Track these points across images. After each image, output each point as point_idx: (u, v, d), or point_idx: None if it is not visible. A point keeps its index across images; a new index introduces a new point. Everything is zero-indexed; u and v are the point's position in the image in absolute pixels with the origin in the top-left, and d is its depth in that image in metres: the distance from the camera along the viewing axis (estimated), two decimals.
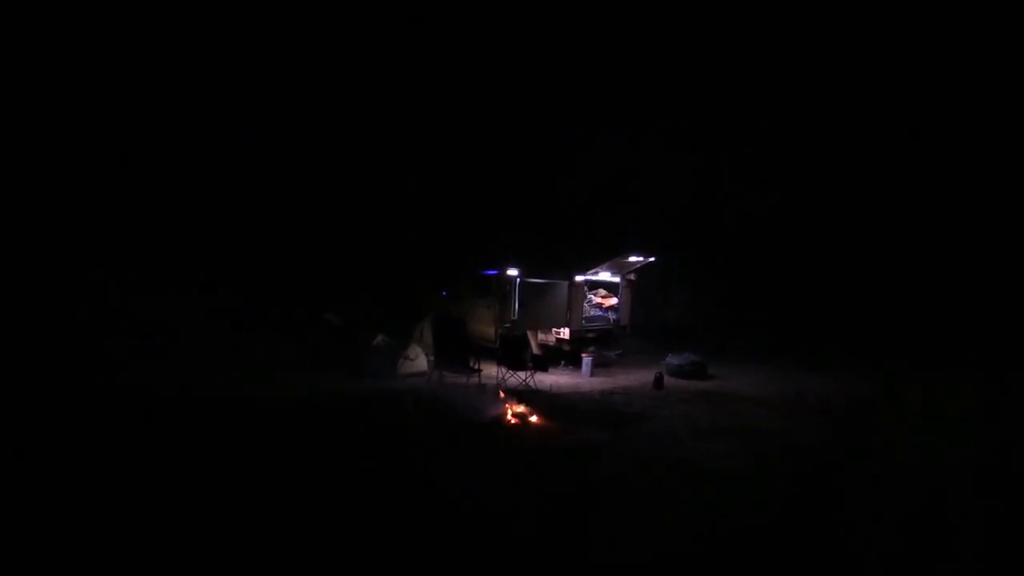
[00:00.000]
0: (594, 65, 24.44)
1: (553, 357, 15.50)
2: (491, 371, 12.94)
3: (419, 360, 13.63)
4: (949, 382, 14.44)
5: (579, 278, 15.61)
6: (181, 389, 11.08)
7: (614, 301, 16.89)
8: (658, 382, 13.37)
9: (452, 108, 24.29)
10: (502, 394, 11.10)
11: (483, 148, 24.45)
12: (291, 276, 19.35)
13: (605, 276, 16.79)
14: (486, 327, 15.15)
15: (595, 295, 17.03)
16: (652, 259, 16.35)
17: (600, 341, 16.24)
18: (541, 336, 15.82)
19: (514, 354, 13.12)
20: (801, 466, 8.11)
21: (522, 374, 12.63)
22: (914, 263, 22.27)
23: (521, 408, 10.33)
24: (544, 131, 24.47)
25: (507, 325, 14.92)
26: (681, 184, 23.62)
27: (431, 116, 24.08)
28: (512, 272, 15.10)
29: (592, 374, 14.53)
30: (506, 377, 12.59)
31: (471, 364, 12.22)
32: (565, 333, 15.56)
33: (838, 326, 20.33)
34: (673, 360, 14.85)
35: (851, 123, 23.79)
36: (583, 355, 14.96)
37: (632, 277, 16.88)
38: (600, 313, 16.82)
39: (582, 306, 16.00)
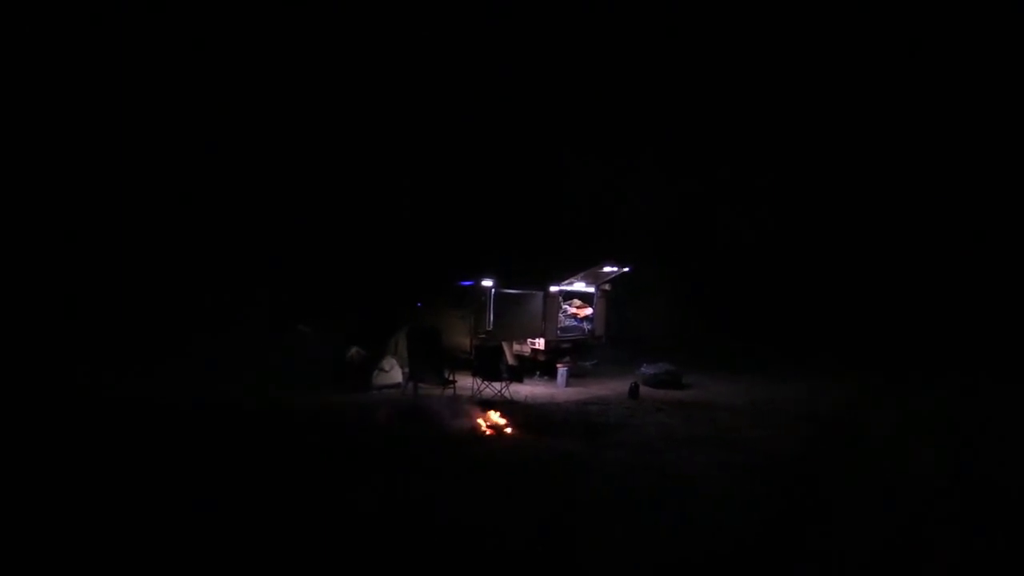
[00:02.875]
0: (569, 76, 24.58)
1: (528, 368, 15.47)
2: (466, 382, 12.86)
3: (394, 372, 13.52)
4: (923, 391, 14.64)
5: (554, 288, 15.62)
6: (141, 399, 10.94)
7: (589, 311, 16.92)
8: (633, 392, 13.38)
9: (429, 119, 24.27)
10: (477, 405, 11.04)
11: (458, 159, 24.43)
12: (263, 286, 19.13)
13: (580, 286, 16.82)
14: (461, 338, 15.09)
15: (570, 305, 17.04)
16: (627, 269, 16.42)
17: (575, 351, 16.24)
18: (516, 347, 15.79)
19: (489, 365, 13.08)
20: (777, 476, 8.12)
21: (497, 385, 12.59)
22: (888, 273, 22.55)
23: (496, 419, 10.28)
24: (519, 142, 24.52)
25: (482, 336, 14.88)
26: (657, 194, 23.76)
27: (407, 126, 24.04)
28: (487, 283, 15.08)
29: (567, 384, 14.51)
30: (481, 388, 12.53)
31: (446, 375, 12.15)
32: (540, 343, 15.55)
33: (813, 336, 20.48)
34: (648, 370, 14.89)
35: (820, 135, 24.09)
36: (558, 365, 14.94)
37: (607, 287, 16.94)
38: (575, 323, 16.83)
39: (557, 316, 16.00)
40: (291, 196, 22.20)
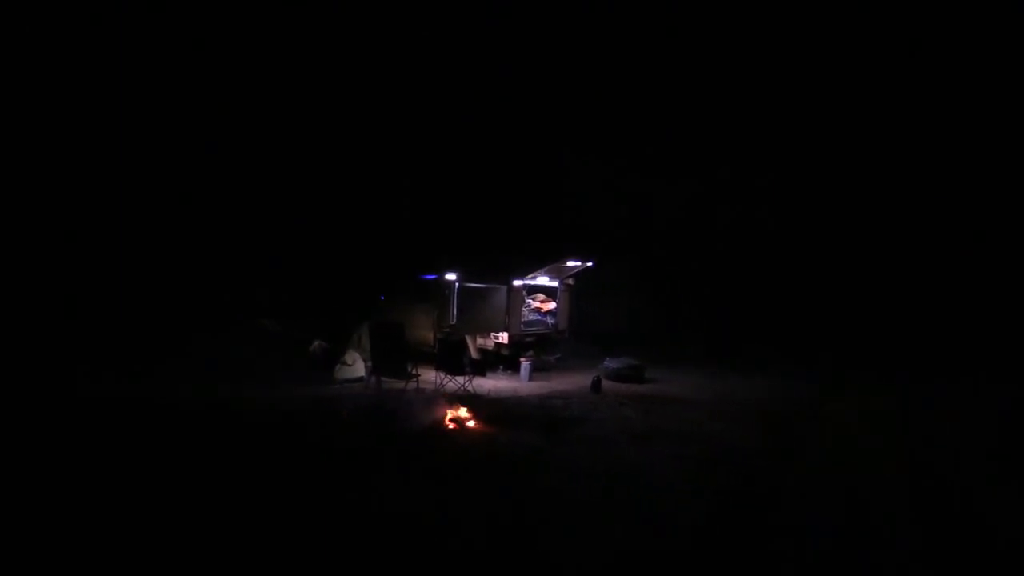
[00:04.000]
0: (536, 72, 24.57)
1: (492, 362, 15.47)
2: (429, 376, 12.85)
3: (356, 365, 13.47)
4: (883, 386, 14.97)
5: (518, 283, 15.64)
6: (101, 396, 10.72)
7: (552, 306, 16.99)
8: (596, 386, 13.48)
9: (393, 114, 24.09)
10: (440, 399, 11.03)
11: (422, 153, 24.32)
12: (225, 281, 18.89)
13: (544, 281, 16.86)
14: (424, 332, 15.07)
15: (534, 299, 17.09)
16: (590, 264, 16.51)
17: (539, 345, 16.29)
18: (480, 340, 15.79)
19: (452, 359, 13.05)
20: (736, 469, 8.24)
21: (460, 379, 12.58)
22: (855, 268, 22.91)
23: (459, 413, 10.29)
24: (485, 137, 24.47)
25: (445, 330, 14.88)
26: (621, 189, 23.90)
27: (372, 121, 23.85)
28: (451, 277, 15.07)
29: (531, 378, 14.56)
30: (444, 382, 12.51)
31: (409, 369, 12.11)
32: (504, 338, 15.56)
33: (776, 332, 20.80)
34: (611, 364, 15.02)
35: (788, 129, 24.36)
36: (522, 359, 14.98)
37: (570, 282, 17.02)
38: (539, 317, 16.88)
39: (521, 311, 16.03)
40: (254, 190, 21.92)
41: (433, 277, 15.38)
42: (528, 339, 16.06)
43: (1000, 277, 20.87)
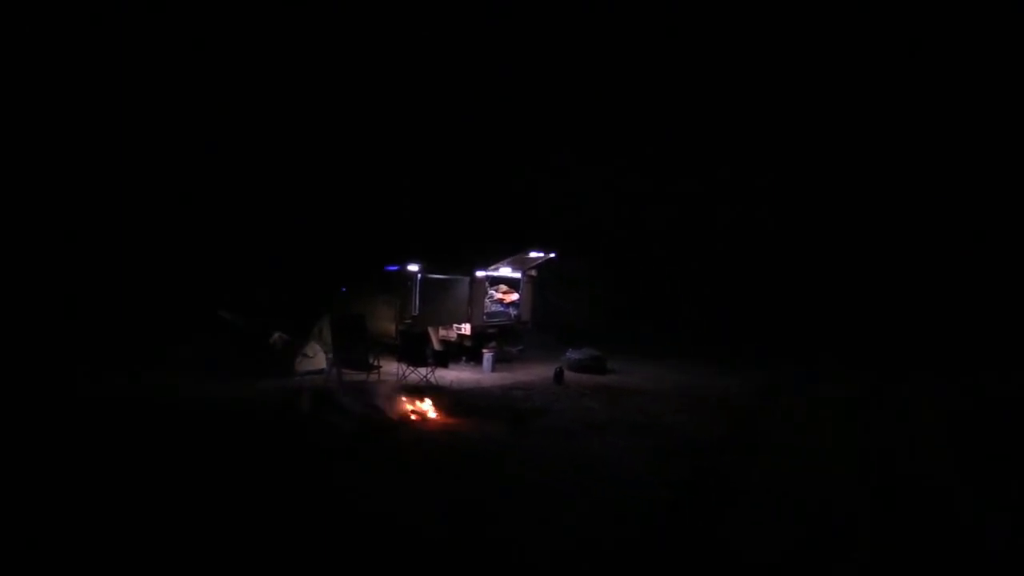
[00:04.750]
0: (496, 62, 24.46)
1: (454, 353, 15.46)
2: (392, 368, 12.79)
3: (318, 357, 13.35)
4: (841, 379, 15.28)
5: (480, 274, 15.62)
6: (52, 390, 10.49)
7: (515, 297, 17.01)
8: (558, 377, 13.55)
9: (355, 103, 23.83)
10: (402, 391, 10.98)
11: (384, 143, 24.10)
12: (183, 271, 18.53)
13: (506, 272, 16.87)
14: (386, 323, 15.00)
15: (496, 291, 17.08)
16: (553, 255, 16.56)
17: (501, 337, 16.31)
18: (442, 332, 15.76)
19: (415, 350, 13.02)
20: (695, 461, 8.35)
21: (423, 370, 12.56)
22: (811, 260, 23.23)
23: (421, 405, 10.26)
24: (447, 128, 24.33)
25: (408, 321, 14.82)
26: (583, 183, 23.97)
27: (332, 110, 23.56)
28: (413, 268, 15.01)
29: (493, 369, 14.58)
30: (407, 374, 12.47)
31: (371, 361, 12.04)
32: (466, 329, 15.55)
33: (735, 324, 21.08)
34: (573, 355, 15.12)
35: (746, 123, 24.59)
36: (484, 351, 14.99)
37: (533, 273, 17.06)
38: (501, 309, 16.89)
39: (483, 302, 16.02)
40: (211, 180, 21.51)
41: (395, 268, 15.30)
42: (491, 330, 16.07)
43: (992, 277, 21.19)
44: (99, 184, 19.60)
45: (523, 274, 16.87)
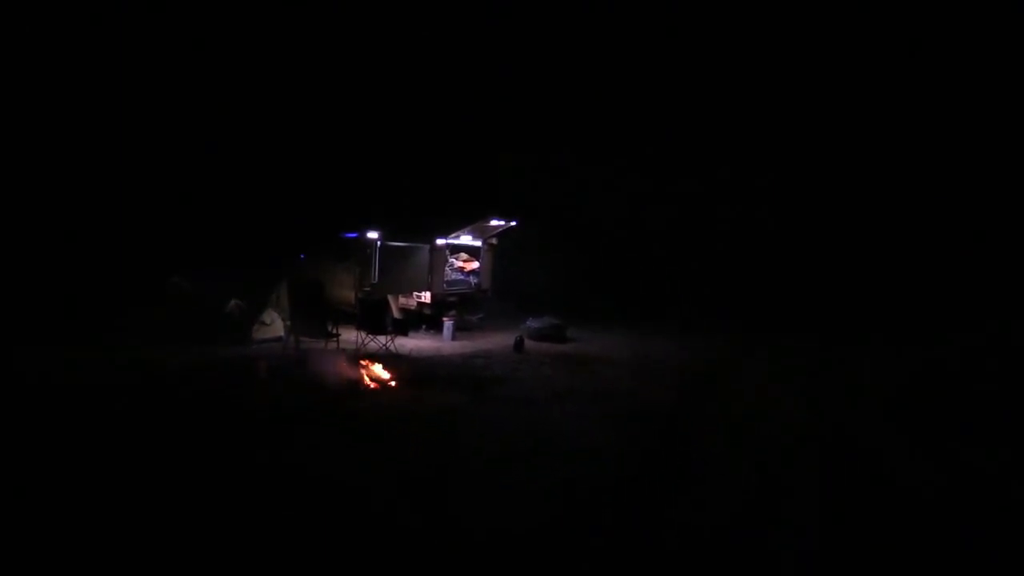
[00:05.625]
0: (457, 32, 24.08)
1: (414, 321, 15.39)
2: (351, 336, 12.69)
3: (275, 325, 13.19)
4: (795, 344, 15.63)
5: (440, 242, 15.52)
6: None
7: (475, 265, 16.96)
8: (518, 345, 13.60)
9: (314, 72, 23.28)
10: (361, 359, 10.92)
11: (343, 111, 23.66)
12: (133, 236, 18.09)
13: (467, 240, 16.79)
14: (345, 291, 14.85)
15: (456, 259, 17.01)
16: (513, 223, 16.50)
17: (461, 305, 16.28)
18: (402, 300, 15.67)
19: (374, 318, 12.92)
20: (652, 427, 8.47)
21: (382, 339, 12.48)
22: (768, 233, 23.53)
23: (380, 373, 10.22)
24: (407, 95, 23.97)
25: (367, 289, 14.69)
26: (543, 151, 23.86)
27: (291, 76, 23.01)
28: (372, 235, 14.85)
29: (453, 338, 14.58)
30: (366, 342, 12.39)
31: (329, 328, 11.93)
32: (426, 297, 15.48)
33: (692, 293, 21.33)
34: (533, 323, 15.17)
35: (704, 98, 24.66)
36: (444, 319, 14.96)
37: (493, 241, 16.99)
38: (461, 277, 16.84)
39: (443, 270, 15.94)
40: (167, 141, 20.92)
41: (354, 235, 15.12)
42: (451, 299, 16.02)
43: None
44: (46, 148, 18.97)
45: (483, 242, 16.81)
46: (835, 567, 4.92)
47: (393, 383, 10.01)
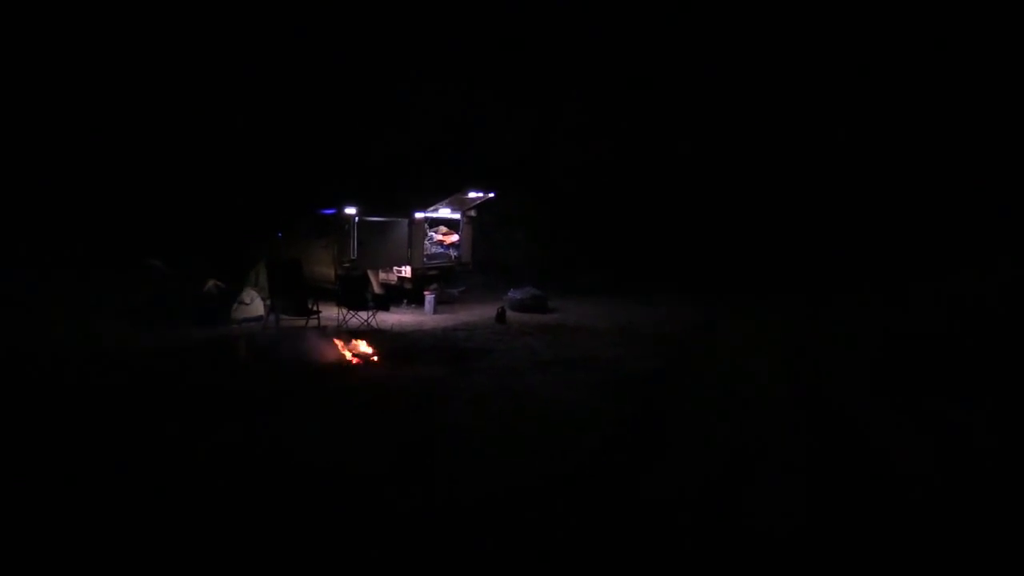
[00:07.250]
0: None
1: (395, 296, 15.39)
2: (331, 313, 12.63)
3: (255, 304, 13.10)
4: (771, 310, 15.77)
5: (419, 215, 15.46)
6: None
7: (455, 238, 16.90)
8: (500, 316, 13.62)
9: (282, 48, 22.90)
10: (343, 336, 10.87)
11: (318, 86, 23.33)
12: (111, 218, 17.84)
13: (445, 213, 16.72)
14: (325, 268, 14.78)
15: (436, 232, 16.94)
16: (491, 195, 16.42)
17: (442, 278, 16.27)
18: (382, 275, 15.62)
19: (354, 294, 12.88)
20: (631, 393, 8.51)
21: (364, 314, 12.44)
22: (740, 202, 23.61)
23: (362, 349, 10.19)
24: (381, 70, 23.65)
25: (346, 265, 14.60)
26: (519, 124, 23.70)
27: (260, 51, 22.63)
28: (350, 211, 14.72)
29: (435, 311, 14.58)
30: (347, 318, 12.34)
31: (310, 306, 11.86)
32: (407, 271, 15.44)
33: (671, 262, 21.41)
34: (515, 295, 15.20)
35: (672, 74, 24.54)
36: (425, 293, 14.95)
37: (472, 213, 16.94)
38: (441, 250, 16.79)
39: (423, 244, 15.90)
40: (140, 121, 20.58)
41: (332, 212, 14.98)
42: (431, 272, 15.99)
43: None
44: (20, 125, 18.62)
45: (462, 215, 16.74)
46: (814, 521, 4.98)
47: (375, 358, 9.99)
